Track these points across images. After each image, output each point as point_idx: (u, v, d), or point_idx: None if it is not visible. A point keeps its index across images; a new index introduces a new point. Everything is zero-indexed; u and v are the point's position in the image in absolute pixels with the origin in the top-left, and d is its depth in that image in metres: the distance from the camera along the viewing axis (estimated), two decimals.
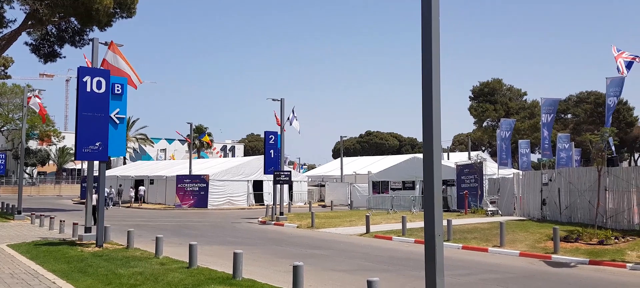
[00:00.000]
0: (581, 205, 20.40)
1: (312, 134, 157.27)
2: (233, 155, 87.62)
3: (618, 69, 18.90)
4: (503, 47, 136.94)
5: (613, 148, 42.03)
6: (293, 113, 30.90)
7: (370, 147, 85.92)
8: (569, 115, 69.27)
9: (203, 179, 38.28)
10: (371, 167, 48.73)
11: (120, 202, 41.85)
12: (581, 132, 52.87)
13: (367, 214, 22.59)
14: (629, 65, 16.20)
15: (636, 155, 70.11)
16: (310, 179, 52.11)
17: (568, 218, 21.01)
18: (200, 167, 44.90)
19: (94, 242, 15.77)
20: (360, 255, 15.46)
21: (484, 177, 29.55)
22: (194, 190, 38.25)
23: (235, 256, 10.57)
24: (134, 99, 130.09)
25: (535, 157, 49.91)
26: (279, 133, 28.87)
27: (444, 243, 18.31)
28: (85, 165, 43.83)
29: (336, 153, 77.15)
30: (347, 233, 21.27)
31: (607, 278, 12.16)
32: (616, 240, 16.15)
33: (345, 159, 60.67)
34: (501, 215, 25.50)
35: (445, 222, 19.15)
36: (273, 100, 29.11)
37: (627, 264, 13.59)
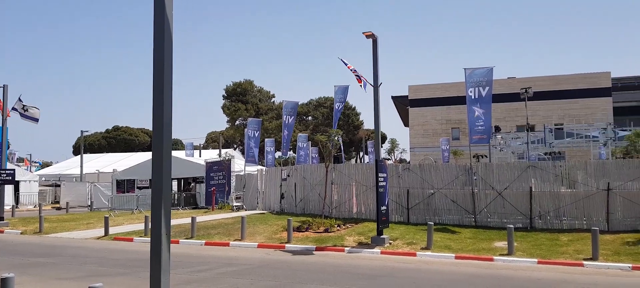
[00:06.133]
0: (313, 197, 22.78)
1: (49, 128, 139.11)
2: None
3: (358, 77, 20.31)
4: (255, 50, 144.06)
5: (342, 147, 48.10)
6: (20, 101, 26.82)
7: (118, 143, 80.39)
8: (310, 117, 76.74)
9: None
10: (117, 164, 45.69)
11: None
12: (318, 133, 59.10)
13: (107, 215, 21.07)
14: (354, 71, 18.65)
15: (361, 154, 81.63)
16: (44, 178, 46.22)
17: (302, 210, 23.22)
18: None
19: None
20: (94, 260, 14.30)
21: (231, 174, 30.54)
22: None
23: None
24: None
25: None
26: None
27: (188, 240, 18.39)
28: None
29: (77, 150, 70.11)
30: (82, 237, 19.47)
31: (329, 261, 13.81)
32: (339, 228, 18.51)
33: (88, 156, 55.76)
34: (246, 210, 26.74)
35: (190, 220, 19.17)
36: None
37: (345, 248, 15.70)
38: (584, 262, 13.23)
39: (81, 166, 44.49)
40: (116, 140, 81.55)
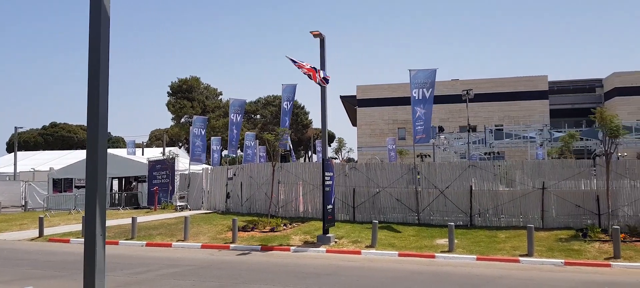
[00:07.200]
0: (259, 196, 22.56)
1: None
2: None
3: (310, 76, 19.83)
4: (202, 46, 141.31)
5: (290, 146, 48.03)
6: None
7: (56, 140, 76.79)
8: (258, 116, 76.15)
9: None
10: (54, 162, 43.71)
11: None
12: (266, 132, 58.66)
13: (42, 216, 20.07)
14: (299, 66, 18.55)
15: (310, 153, 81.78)
16: None
17: (248, 209, 22.96)
18: None
19: None
20: (27, 262, 13.58)
21: (175, 173, 29.82)
22: None
23: None
24: None
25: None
26: None
27: (128, 241, 17.83)
28: None
29: (11, 147, 66.49)
30: (14, 239, 18.45)
31: (274, 261, 13.71)
32: (285, 227, 18.42)
33: (22, 154, 53.14)
34: (190, 210, 26.17)
35: (130, 220, 18.56)
36: None
37: (291, 247, 15.64)
38: (520, 258, 13.77)
39: (15, 164, 42.28)
40: (54, 137, 77.95)
